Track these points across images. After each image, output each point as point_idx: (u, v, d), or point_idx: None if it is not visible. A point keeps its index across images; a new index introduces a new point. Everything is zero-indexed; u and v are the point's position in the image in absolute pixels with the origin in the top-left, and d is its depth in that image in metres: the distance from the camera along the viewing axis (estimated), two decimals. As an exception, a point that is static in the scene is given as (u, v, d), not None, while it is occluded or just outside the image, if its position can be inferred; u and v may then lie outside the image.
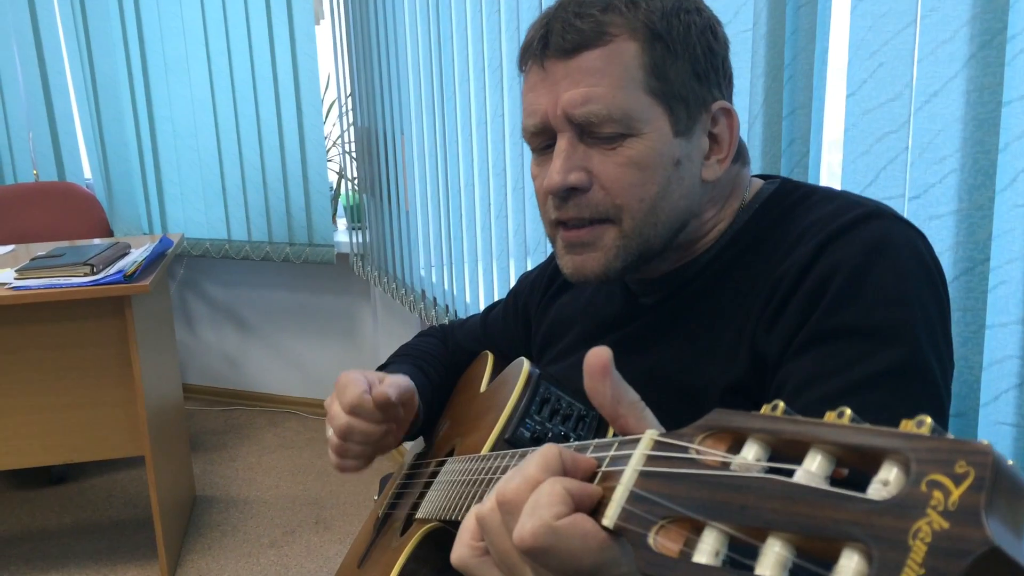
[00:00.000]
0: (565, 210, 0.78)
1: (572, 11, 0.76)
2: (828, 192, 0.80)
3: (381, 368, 1.11)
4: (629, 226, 0.77)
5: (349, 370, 0.94)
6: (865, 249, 0.70)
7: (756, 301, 0.74)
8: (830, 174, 1.07)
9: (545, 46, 0.77)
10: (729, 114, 0.80)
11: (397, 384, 0.91)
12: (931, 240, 0.91)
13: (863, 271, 0.69)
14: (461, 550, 0.51)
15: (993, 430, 0.88)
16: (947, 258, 0.89)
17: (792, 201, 0.80)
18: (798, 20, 1.04)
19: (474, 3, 1.94)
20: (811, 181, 1.06)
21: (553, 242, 0.84)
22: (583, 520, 0.44)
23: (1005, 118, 0.83)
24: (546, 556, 0.44)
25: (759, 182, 0.87)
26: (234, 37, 3.13)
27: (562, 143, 0.77)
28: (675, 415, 0.50)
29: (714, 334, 0.78)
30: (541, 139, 0.80)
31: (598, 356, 0.49)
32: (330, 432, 0.93)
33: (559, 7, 0.78)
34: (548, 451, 0.49)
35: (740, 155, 0.85)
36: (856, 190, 0.98)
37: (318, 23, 3.11)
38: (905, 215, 0.93)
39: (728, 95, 0.82)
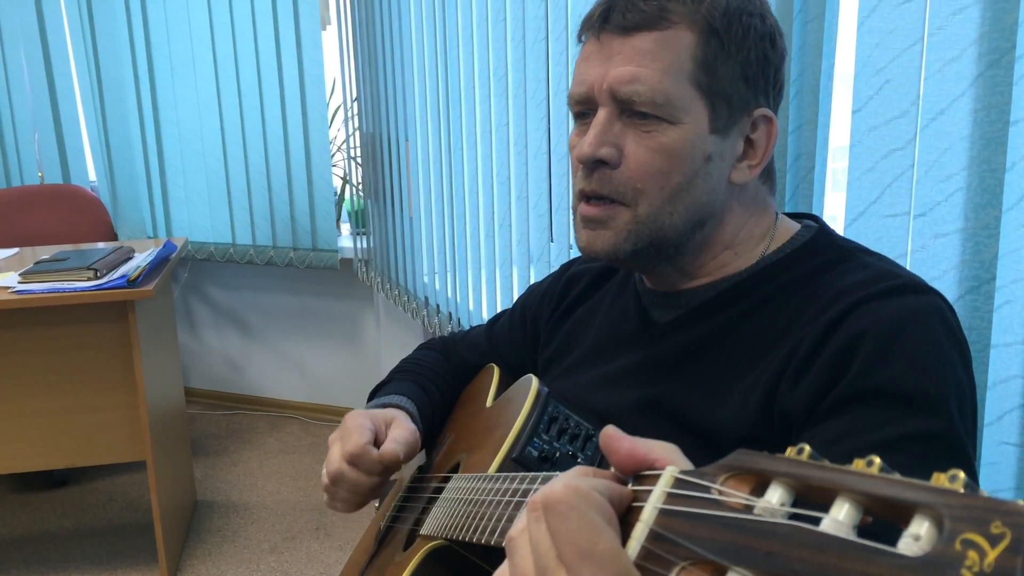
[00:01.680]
0: (589, 182, 0.79)
1: None
2: (865, 259, 0.78)
3: (382, 385, 1.11)
4: (644, 211, 0.78)
5: (356, 412, 0.96)
6: (897, 317, 0.69)
7: (777, 355, 0.73)
8: (835, 190, 1.07)
9: (605, 20, 0.78)
10: (770, 122, 0.80)
11: (405, 442, 0.93)
12: (936, 259, 0.90)
13: (894, 336, 0.68)
14: None
15: (997, 450, 0.88)
16: (952, 277, 0.89)
17: (827, 260, 0.79)
18: (805, 35, 1.04)
19: (480, 11, 1.94)
20: (816, 196, 1.06)
21: (574, 215, 0.84)
22: (614, 517, 0.41)
23: (1012, 137, 0.83)
24: (566, 515, 0.39)
25: (792, 225, 0.85)
26: (240, 41, 3.13)
27: (601, 115, 0.78)
28: (681, 448, 0.49)
29: (727, 376, 0.77)
30: (583, 107, 0.81)
31: (606, 435, 0.46)
32: (323, 472, 0.95)
33: None
34: (579, 470, 0.46)
35: (769, 176, 0.85)
36: (861, 207, 0.97)
37: (324, 28, 3.12)
38: (910, 233, 0.93)
39: (774, 106, 0.82)
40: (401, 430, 0.95)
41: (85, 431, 2.19)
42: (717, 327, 0.81)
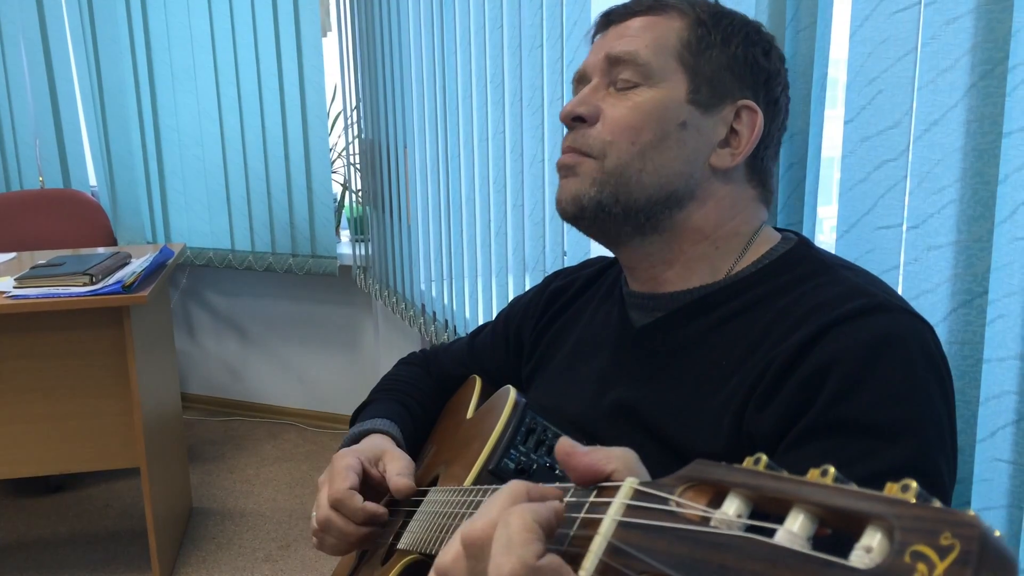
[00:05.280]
0: (567, 139, 0.84)
1: None
2: (842, 274, 0.77)
3: (364, 406, 1.10)
4: (612, 163, 0.80)
5: (344, 451, 0.94)
6: (870, 342, 0.67)
7: (749, 371, 0.72)
8: (827, 201, 1.06)
9: (608, 16, 0.87)
10: (754, 114, 0.82)
11: (409, 473, 0.91)
12: (929, 271, 0.89)
13: (866, 364, 0.66)
14: None
15: (990, 466, 0.86)
16: (944, 290, 0.88)
17: (805, 271, 0.78)
18: (797, 44, 1.03)
19: (478, 19, 1.93)
20: (807, 207, 1.05)
21: None
22: (561, 564, 0.42)
23: (1005, 149, 0.82)
24: None
25: (774, 235, 0.85)
26: (241, 47, 3.14)
27: (591, 84, 0.84)
28: (651, 459, 0.48)
29: (701, 388, 0.76)
30: (579, 85, 0.87)
31: (562, 451, 0.47)
32: (313, 516, 0.94)
33: None
34: (515, 487, 0.47)
35: (762, 183, 0.85)
36: (853, 218, 0.96)
37: (325, 35, 3.12)
38: (903, 245, 0.92)
39: (771, 114, 0.84)
40: (398, 462, 0.93)
41: (79, 437, 2.18)
42: (693, 334, 0.80)
